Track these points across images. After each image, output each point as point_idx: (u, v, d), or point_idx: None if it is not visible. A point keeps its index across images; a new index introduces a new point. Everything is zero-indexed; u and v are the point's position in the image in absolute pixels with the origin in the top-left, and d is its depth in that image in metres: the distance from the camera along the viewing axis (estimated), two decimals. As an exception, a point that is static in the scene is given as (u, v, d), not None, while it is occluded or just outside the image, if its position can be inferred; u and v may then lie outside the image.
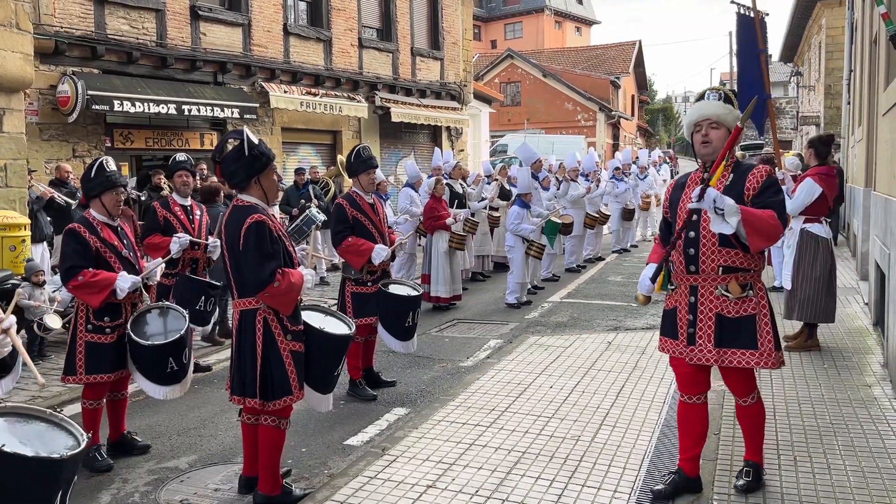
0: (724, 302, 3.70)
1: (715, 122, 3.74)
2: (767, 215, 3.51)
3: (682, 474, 3.97)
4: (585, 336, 7.70)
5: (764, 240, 3.54)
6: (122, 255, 4.53)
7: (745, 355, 3.70)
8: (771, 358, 3.70)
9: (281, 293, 3.80)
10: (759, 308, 3.71)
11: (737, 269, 3.68)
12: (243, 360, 3.88)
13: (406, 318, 5.99)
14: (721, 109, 3.74)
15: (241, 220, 3.79)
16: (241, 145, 3.87)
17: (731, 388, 3.90)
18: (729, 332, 3.70)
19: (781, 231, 3.58)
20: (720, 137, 3.73)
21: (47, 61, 12.24)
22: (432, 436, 4.82)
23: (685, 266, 3.77)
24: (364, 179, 6.05)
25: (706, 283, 3.73)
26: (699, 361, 3.78)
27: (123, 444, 4.77)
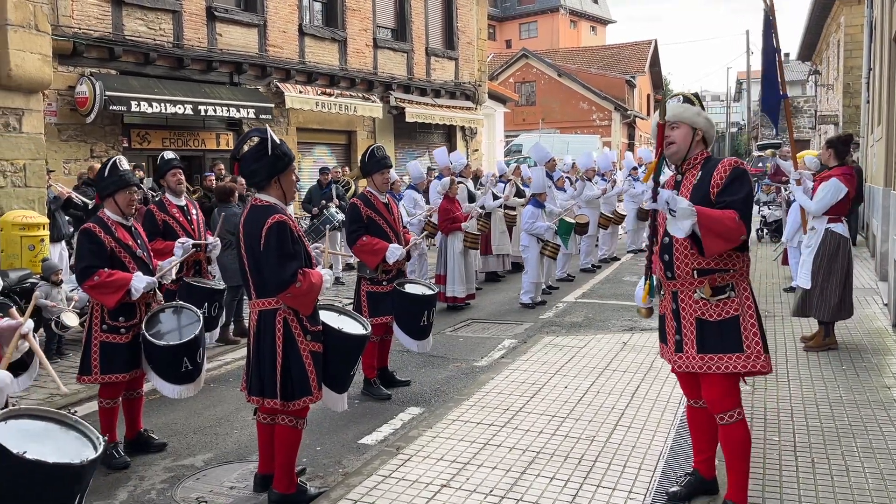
0: (704, 305, 3.54)
1: (674, 123, 3.65)
2: (727, 217, 3.33)
3: (697, 475, 3.90)
4: (600, 336, 7.67)
5: (721, 242, 3.34)
6: (136, 254, 4.56)
7: (730, 359, 3.49)
8: (760, 360, 3.49)
9: (302, 293, 3.80)
10: (742, 309, 3.52)
11: (712, 270, 3.52)
12: (262, 361, 3.89)
13: (421, 317, 6.00)
14: (677, 108, 3.68)
15: (262, 220, 3.79)
16: (264, 144, 3.87)
17: (709, 400, 3.61)
18: (711, 337, 3.52)
19: (742, 232, 3.36)
20: (681, 136, 3.65)
21: (66, 62, 12.37)
22: (446, 435, 4.81)
23: (664, 272, 3.67)
24: (378, 179, 6.07)
25: (684, 288, 3.59)
26: (686, 369, 3.64)
27: (140, 441, 4.80)
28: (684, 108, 3.69)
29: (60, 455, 2.67)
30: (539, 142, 14.07)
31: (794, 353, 6.64)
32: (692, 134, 3.65)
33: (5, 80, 8.19)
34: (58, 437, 2.82)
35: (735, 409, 3.58)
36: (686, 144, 3.65)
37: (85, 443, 2.82)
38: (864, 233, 14.65)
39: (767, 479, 4.07)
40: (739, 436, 3.59)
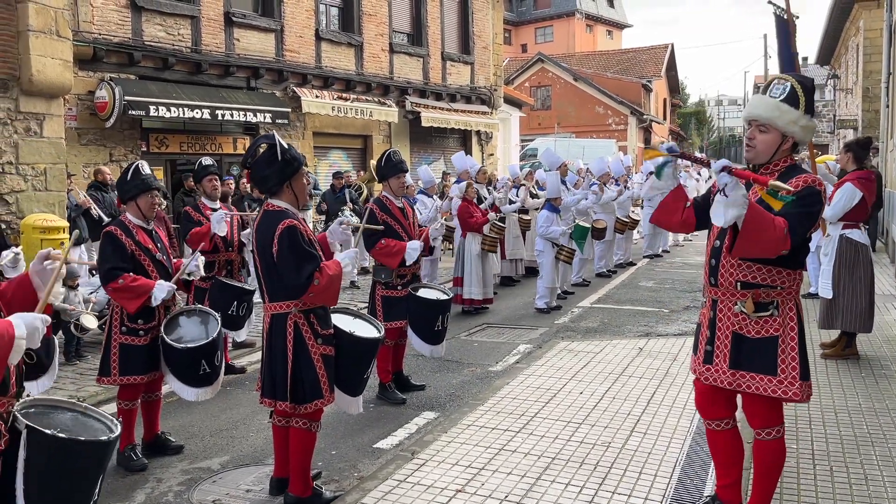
0: (744, 320, 3.31)
1: (763, 125, 3.26)
2: (776, 224, 3.02)
3: (717, 501, 3.64)
4: (616, 342, 7.64)
5: (757, 248, 3.06)
6: (155, 258, 4.61)
7: (762, 381, 3.28)
8: (794, 387, 3.24)
9: (323, 289, 3.82)
10: (784, 330, 3.27)
11: (757, 285, 3.27)
12: (274, 364, 3.92)
13: (436, 322, 6.00)
14: (773, 111, 3.23)
15: (273, 225, 3.82)
16: (273, 151, 3.91)
17: (748, 415, 3.46)
18: (747, 354, 3.30)
19: (784, 247, 3.06)
20: (767, 142, 3.26)
21: (86, 67, 12.50)
22: (461, 440, 4.82)
23: (708, 277, 3.47)
24: (394, 183, 6.10)
25: (724, 298, 3.38)
26: (714, 382, 3.43)
27: (157, 444, 4.85)
28: (781, 111, 3.22)
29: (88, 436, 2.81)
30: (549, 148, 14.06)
31: (812, 361, 6.55)
32: (780, 141, 3.27)
33: (27, 85, 8.31)
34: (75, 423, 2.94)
35: (777, 426, 3.41)
36: (769, 152, 3.29)
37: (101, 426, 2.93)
38: (884, 238, 14.49)
39: (785, 487, 4.03)
40: (776, 454, 3.42)
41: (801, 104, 3.24)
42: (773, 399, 3.34)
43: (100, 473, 2.87)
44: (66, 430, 2.83)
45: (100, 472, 2.87)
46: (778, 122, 3.23)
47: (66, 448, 2.68)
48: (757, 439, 3.45)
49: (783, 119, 3.23)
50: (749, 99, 3.51)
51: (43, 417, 2.80)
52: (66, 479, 2.73)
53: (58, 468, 2.70)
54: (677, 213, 3.47)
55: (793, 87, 3.25)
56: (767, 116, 3.25)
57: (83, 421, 3.03)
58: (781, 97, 3.25)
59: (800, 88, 3.25)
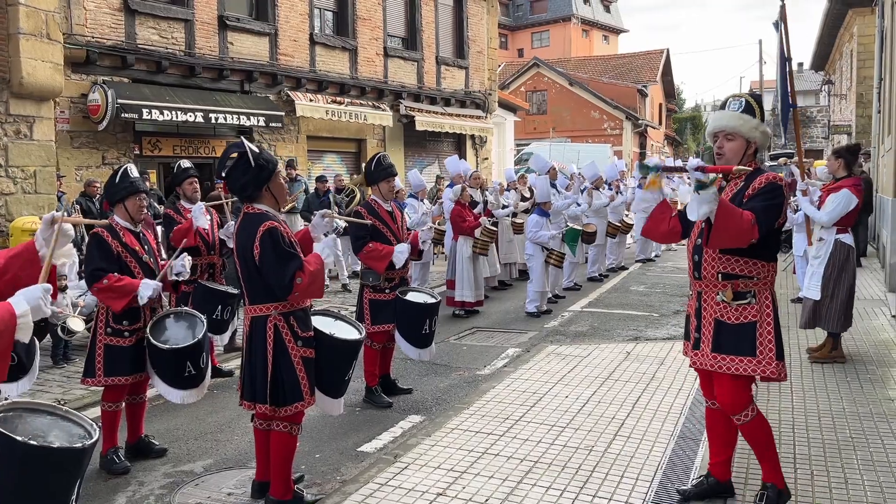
0: (725, 308, 3.68)
1: (730, 134, 3.71)
2: (744, 216, 3.42)
3: (710, 478, 3.98)
4: (604, 346, 7.65)
5: (729, 239, 3.46)
6: (142, 260, 4.62)
7: (742, 362, 3.63)
8: (771, 366, 3.61)
9: (307, 286, 3.84)
10: (761, 316, 3.64)
11: (736, 276, 3.66)
12: (254, 366, 3.93)
13: (423, 325, 6.00)
14: (736, 121, 3.69)
15: (254, 228, 3.83)
16: (244, 158, 3.90)
17: (721, 403, 3.77)
18: (727, 339, 3.66)
19: (752, 236, 3.45)
20: (734, 149, 3.71)
21: (79, 70, 12.51)
22: (445, 444, 4.82)
23: (692, 271, 3.84)
24: (384, 187, 6.11)
25: (708, 289, 3.75)
26: (700, 366, 3.82)
27: (141, 447, 4.84)
28: (744, 120, 3.69)
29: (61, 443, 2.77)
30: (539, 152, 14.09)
31: (798, 364, 6.60)
32: (745, 147, 3.70)
33: (17, 87, 8.31)
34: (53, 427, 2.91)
35: (747, 408, 3.70)
36: (737, 157, 3.70)
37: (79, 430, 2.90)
38: (875, 244, 14.54)
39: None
40: (759, 431, 3.73)
41: (757, 113, 3.74)
42: (743, 385, 3.70)
43: (76, 479, 2.83)
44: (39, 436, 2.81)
45: (75, 479, 2.83)
46: (742, 129, 3.70)
47: (36, 455, 2.64)
48: (738, 424, 3.76)
49: (746, 126, 3.69)
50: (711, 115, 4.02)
51: (17, 422, 2.78)
52: (38, 486, 2.70)
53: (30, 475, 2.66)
54: (664, 223, 3.89)
55: (747, 100, 3.77)
56: (733, 125, 3.71)
57: (61, 425, 3.01)
58: (740, 109, 3.73)
59: (753, 101, 3.78)
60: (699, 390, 5.94)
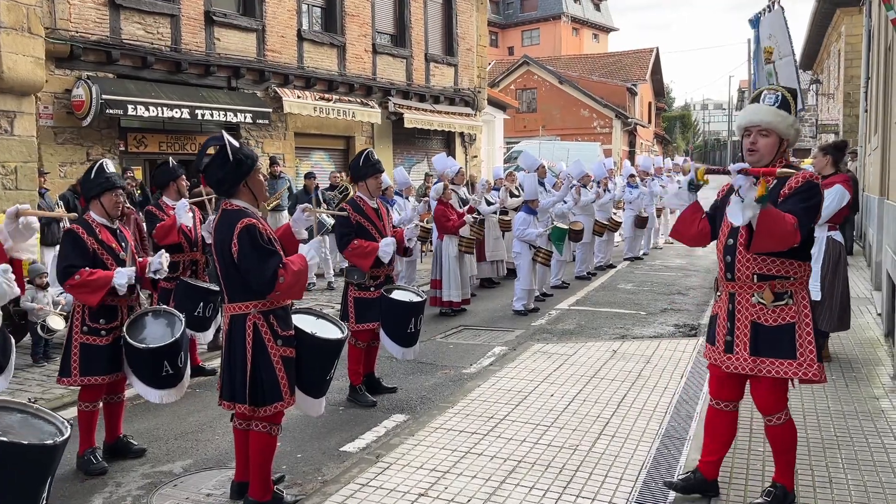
0: (762, 310, 3.60)
1: (765, 130, 3.59)
2: (787, 220, 3.32)
3: (698, 474, 3.96)
4: (591, 344, 7.62)
5: (772, 243, 3.37)
6: (119, 257, 4.54)
7: (782, 365, 3.56)
8: (812, 368, 3.52)
9: (289, 286, 3.76)
10: (799, 317, 3.56)
11: (773, 276, 3.58)
12: (233, 365, 3.87)
13: (408, 324, 5.94)
14: (773, 117, 3.57)
15: (232, 225, 3.76)
16: (223, 151, 3.84)
17: (758, 403, 3.74)
18: (766, 341, 3.58)
19: (795, 240, 3.36)
20: (768, 146, 3.59)
21: (63, 65, 12.37)
22: (428, 443, 4.77)
23: (724, 272, 3.74)
24: (371, 184, 6.04)
25: (742, 291, 3.65)
26: (735, 370, 3.69)
27: (119, 447, 4.76)
28: (781, 117, 3.57)
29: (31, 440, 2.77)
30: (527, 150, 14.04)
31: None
32: (779, 144, 3.60)
33: (-3, 82, 8.20)
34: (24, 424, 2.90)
35: (783, 411, 3.69)
36: (771, 154, 3.61)
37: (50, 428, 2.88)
38: (861, 242, 14.60)
39: (750, 490, 4.02)
40: (786, 434, 3.71)
41: (793, 109, 3.62)
42: (781, 387, 3.64)
43: (46, 477, 2.81)
44: (9, 433, 2.77)
45: (46, 476, 2.81)
46: (779, 126, 3.58)
47: (6, 451, 2.62)
48: (768, 425, 3.73)
49: (784, 123, 3.58)
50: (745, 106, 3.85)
51: None
52: (8, 483, 2.67)
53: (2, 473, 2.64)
54: (695, 224, 3.81)
55: (784, 95, 3.63)
56: (769, 121, 3.58)
57: (32, 423, 2.98)
58: (776, 104, 3.61)
59: (789, 96, 3.65)
60: (685, 389, 5.95)
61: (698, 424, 5.10)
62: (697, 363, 6.72)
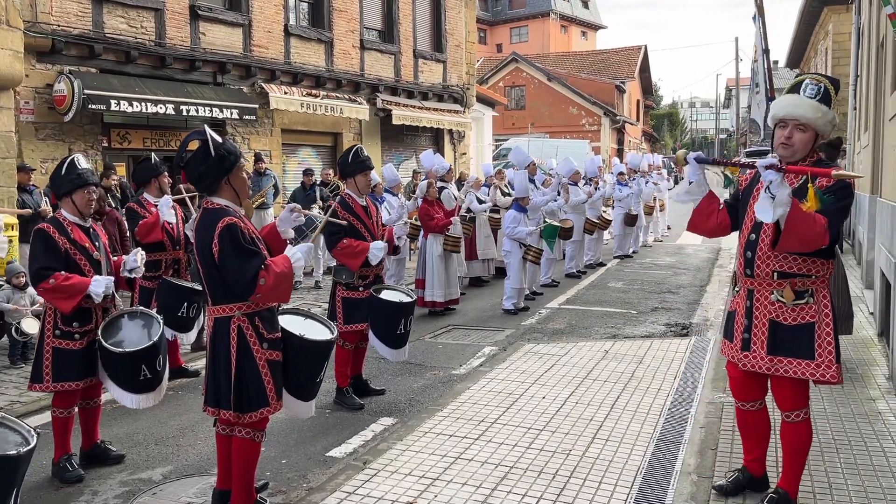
0: (781, 308, 3.49)
1: (803, 125, 3.43)
2: (817, 221, 3.20)
3: (746, 473, 3.92)
4: (582, 344, 7.50)
5: (799, 244, 3.26)
6: (92, 257, 4.35)
7: (799, 365, 3.47)
8: (830, 370, 3.43)
9: (271, 288, 3.60)
10: (819, 316, 3.45)
11: (793, 274, 3.46)
12: (217, 370, 3.71)
13: (398, 325, 5.79)
14: (814, 112, 3.40)
15: (213, 224, 3.60)
16: (206, 146, 3.69)
17: (778, 399, 3.67)
18: (784, 340, 3.49)
19: (823, 242, 3.25)
20: (804, 141, 3.44)
21: (44, 60, 12.14)
22: (417, 448, 4.63)
23: (743, 268, 3.63)
24: (360, 181, 5.89)
25: (761, 288, 3.55)
26: (752, 368, 3.62)
27: (96, 453, 4.59)
28: (822, 112, 3.40)
29: None
30: (519, 146, 13.91)
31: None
32: (815, 140, 3.46)
33: (-26, 76, 7.97)
34: None
35: (803, 408, 3.61)
36: (806, 149, 3.47)
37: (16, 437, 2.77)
38: (851, 240, 14.58)
39: (748, 498, 3.91)
40: (802, 435, 3.62)
41: (833, 103, 3.46)
42: (802, 383, 3.53)
43: (11, 489, 2.67)
44: None
45: (11, 488, 2.66)
46: (818, 122, 3.40)
47: None
48: (785, 422, 3.64)
49: (823, 119, 3.41)
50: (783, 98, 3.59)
51: None
52: None
53: None
54: (712, 216, 3.70)
55: (826, 87, 3.43)
56: (809, 116, 3.40)
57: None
58: (818, 97, 3.41)
59: (832, 88, 3.45)
60: (679, 391, 5.84)
61: (693, 428, 5.01)
62: (690, 364, 6.62)
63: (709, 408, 5.39)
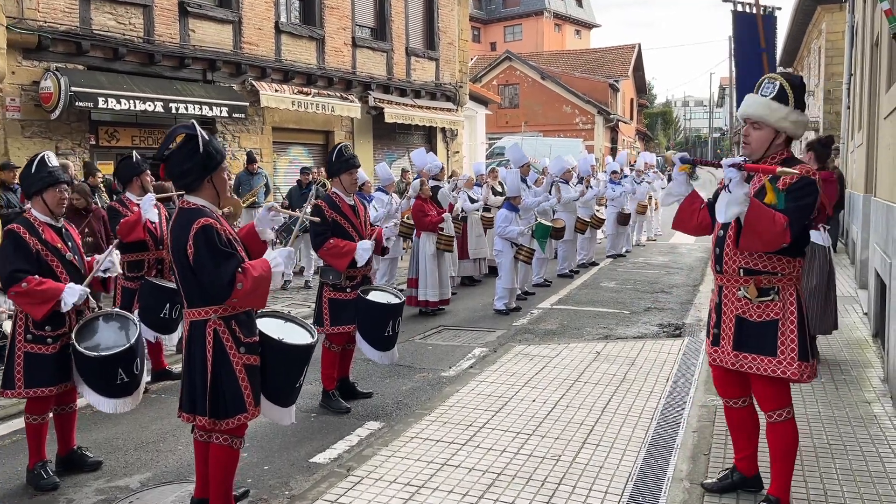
0: (747, 304, 3.53)
1: (756, 122, 3.50)
2: (776, 220, 3.23)
3: (736, 472, 3.91)
4: (573, 345, 7.40)
5: (759, 242, 3.30)
6: (65, 258, 4.22)
7: (762, 361, 3.50)
8: (792, 367, 3.44)
9: (248, 293, 3.48)
10: (784, 314, 3.47)
11: (759, 272, 3.49)
12: (193, 375, 3.59)
13: (386, 327, 5.67)
14: (763, 110, 3.46)
15: (189, 224, 3.48)
16: (193, 142, 3.57)
17: (757, 398, 3.68)
18: (749, 336, 3.52)
19: (784, 240, 3.27)
20: (760, 139, 3.51)
21: (30, 57, 11.98)
22: (402, 454, 4.52)
23: (713, 264, 3.70)
24: (346, 180, 5.78)
25: (729, 284, 3.59)
26: (720, 363, 3.68)
27: (73, 460, 4.46)
28: (771, 109, 3.45)
29: None
30: (516, 144, 13.78)
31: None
32: (773, 137, 3.49)
33: (-45, 72, 7.81)
34: None
35: (784, 408, 3.58)
36: (763, 147, 3.52)
37: None
38: (844, 239, 14.53)
39: (741, 500, 3.81)
40: (787, 435, 3.58)
41: (791, 101, 3.45)
42: (779, 381, 3.52)
43: None
44: None
45: None
46: (769, 118, 3.45)
47: None
48: (768, 422, 3.61)
49: (774, 116, 3.44)
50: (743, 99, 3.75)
51: None
52: None
53: None
54: (694, 215, 3.74)
55: (782, 84, 3.46)
56: (759, 114, 3.47)
57: None
58: (772, 95, 3.47)
59: (788, 86, 3.46)
60: (672, 393, 5.74)
61: (685, 432, 4.91)
62: (683, 366, 6.52)
63: (701, 411, 5.29)
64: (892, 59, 7.16)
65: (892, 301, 5.82)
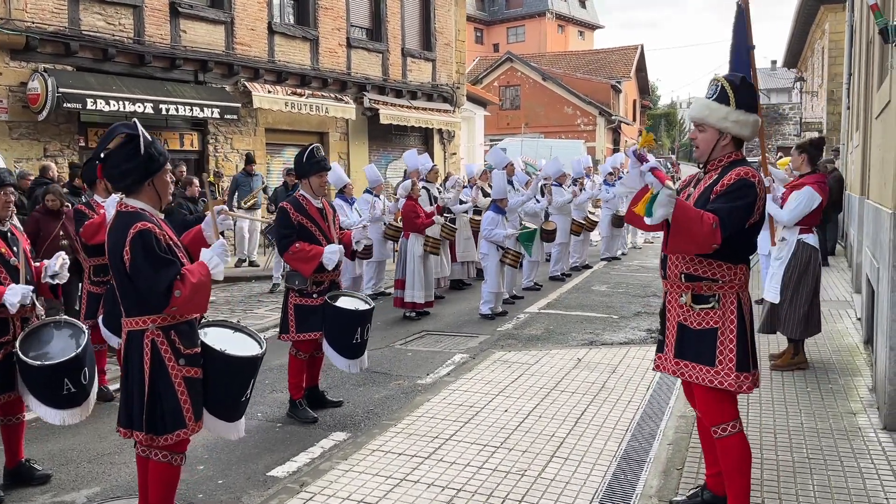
0: (688, 311, 3.44)
1: (700, 125, 3.48)
2: (704, 220, 3.13)
3: (706, 491, 3.76)
4: (555, 352, 7.21)
5: (688, 244, 3.20)
6: (9, 263, 4.07)
7: (701, 370, 3.40)
8: (729, 377, 3.33)
9: (187, 300, 3.33)
10: (723, 323, 3.37)
11: (699, 278, 3.39)
12: (130, 388, 3.43)
13: (353, 334, 5.49)
14: (703, 111, 3.43)
15: (126, 229, 3.32)
16: (134, 142, 3.42)
17: (700, 410, 3.56)
18: (689, 344, 3.44)
19: (714, 241, 3.15)
20: (705, 140, 3.46)
21: (18, 57, 11.91)
22: (361, 469, 4.34)
23: (660, 270, 3.63)
24: (315, 182, 5.61)
25: (672, 290, 3.53)
26: (663, 370, 3.61)
27: (20, 472, 4.30)
28: (710, 110, 3.41)
29: None
30: (496, 147, 13.61)
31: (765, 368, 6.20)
32: (717, 138, 3.44)
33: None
34: None
35: (728, 422, 3.43)
36: (708, 148, 3.47)
37: None
38: (843, 242, 14.29)
39: None
40: (734, 450, 3.42)
41: (732, 100, 3.38)
42: (722, 394, 3.40)
43: None
44: None
45: None
46: (709, 119, 3.41)
47: None
48: (714, 438, 3.48)
49: (713, 116, 3.39)
50: None
51: None
52: None
53: None
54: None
55: (722, 85, 3.42)
56: (699, 115, 3.45)
57: None
58: (713, 96, 3.43)
59: (728, 86, 3.41)
60: (650, 403, 5.55)
61: (660, 444, 4.72)
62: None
63: (680, 422, 5.10)
64: (882, 56, 6.96)
65: (881, 306, 5.61)
